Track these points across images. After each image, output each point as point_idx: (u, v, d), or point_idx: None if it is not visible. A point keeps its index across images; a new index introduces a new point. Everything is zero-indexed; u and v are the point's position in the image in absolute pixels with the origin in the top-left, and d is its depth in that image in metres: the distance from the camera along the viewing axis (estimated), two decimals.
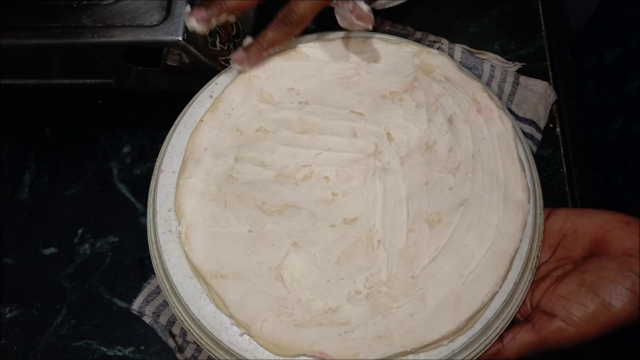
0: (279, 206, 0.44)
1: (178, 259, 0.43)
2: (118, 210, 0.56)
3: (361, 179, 0.45)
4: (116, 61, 0.52)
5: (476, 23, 0.63)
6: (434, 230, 0.43)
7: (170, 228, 0.44)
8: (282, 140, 0.47)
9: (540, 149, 0.56)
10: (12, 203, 0.57)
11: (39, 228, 0.56)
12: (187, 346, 0.50)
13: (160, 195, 0.45)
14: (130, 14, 0.50)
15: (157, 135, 0.59)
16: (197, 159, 0.46)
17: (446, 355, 0.40)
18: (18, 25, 0.50)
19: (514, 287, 0.41)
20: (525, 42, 0.61)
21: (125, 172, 0.58)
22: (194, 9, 0.47)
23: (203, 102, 0.48)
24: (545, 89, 0.58)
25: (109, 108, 0.61)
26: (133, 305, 0.51)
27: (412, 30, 0.60)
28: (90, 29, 0.49)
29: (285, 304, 0.41)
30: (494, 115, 0.46)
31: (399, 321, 0.40)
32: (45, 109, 0.61)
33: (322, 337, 0.39)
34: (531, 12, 0.63)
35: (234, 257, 0.42)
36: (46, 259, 0.55)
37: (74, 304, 0.53)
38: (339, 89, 0.49)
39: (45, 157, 0.59)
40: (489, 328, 0.40)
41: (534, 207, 0.44)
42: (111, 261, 0.54)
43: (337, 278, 0.42)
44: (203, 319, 0.41)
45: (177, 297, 0.42)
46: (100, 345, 0.51)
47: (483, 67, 0.58)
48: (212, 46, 0.51)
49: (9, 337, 0.52)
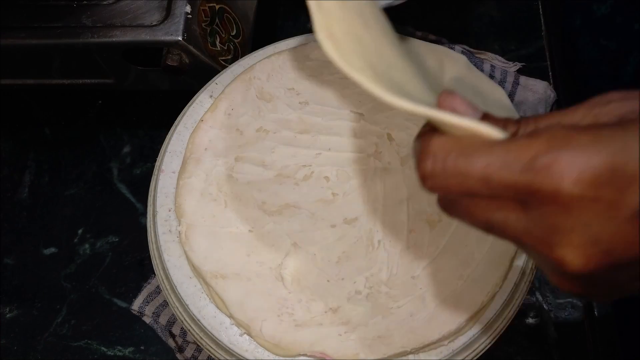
0: (279, 206, 0.44)
1: (178, 259, 0.43)
2: (118, 210, 0.56)
3: (361, 179, 0.45)
4: (116, 61, 0.52)
5: (476, 23, 0.63)
6: (434, 230, 0.43)
7: (170, 228, 0.44)
8: (283, 140, 0.47)
9: None
10: (12, 203, 0.57)
11: (39, 228, 0.56)
12: (187, 346, 0.50)
13: (160, 195, 0.45)
14: (130, 14, 0.50)
15: (157, 135, 0.59)
16: (197, 159, 0.46)
17: (446, 355, 0.40)
18: (18, 25, 0.50)
19: (514, 287, 0.41)
20: (525, 42, 0.61)
21: (125, 172, 0.58)
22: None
23: (203, 102, 0.48)
24: (545, 89, 0.58)
25: (109, 108, 0.61)
26: (133, 305, 0.51)
27: (412, 30, 0.60)
28: (90, 29, 0.49)
29: (286, 304, 0.41)
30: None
31: (399, 321, 0.40)
32: (45, 109, 0.61)
33: (323, 337, 0.39)
34: (531, 12, 0.63)
35: (234, 257, 0.42)
36: (46, 259, 0.55)
37: (74, 304, 0.53)
38: (339, 89, 0.49)
39: (45, 157, 0.59)
40: (489, 328, 0.40)
41: None
42: (111, 261, 0.54)
43: (337, 278, 0.42)
44: (203, 319, 0.41)
45: (177, 297, 0.42)
46: (100, 345, 0.51)
47: (483, 67, 0.58)
48: (212, 46, 0.52)
49: (9, 337, 0.52)
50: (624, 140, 0.21)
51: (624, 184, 0.21)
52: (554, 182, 0.21)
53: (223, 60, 0.53)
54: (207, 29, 0.52)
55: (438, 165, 0.24)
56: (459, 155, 0.24)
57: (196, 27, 0.51)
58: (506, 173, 0.22)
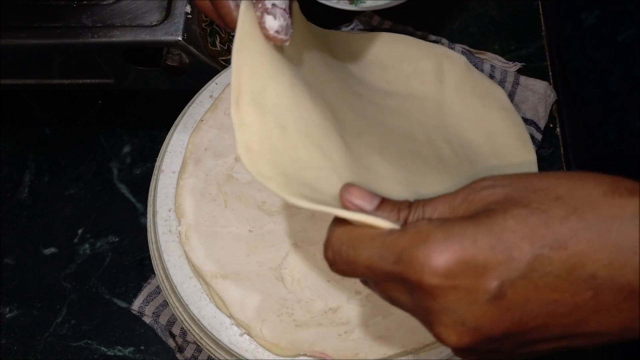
0: (279, 206, 0.44)
1: (178, 259, 0.43)
2: (118, 210, 0.56)
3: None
4: (116, 61, 0.52)
5: (476, 23, 0.63)
6: None
7: (170, 228, 0.44)
8: None
9: (540, 149, 0.56)
10: (12, 203, 0.57)
11: (39, 228, 0.56)
12: (187, 346, 0.50)
13: (160, 195, 0.45)
14: (130, 14, 0.50)
15: (157, 135, 0.59)
16: (197, 159, 0.46)
17: (446, 355, 0.40)
18: (18, 25, 0.50)
19: None
20: (525, 42, 0.61)
21: (125, 172, 0.58)
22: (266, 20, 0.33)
23: (203, 102, 0.48)
24: (545, 89, 0.58)
25: (109, 108, 0.61)
26: (133, 305, 0.51)
27: (412, 30, 0.60)
28: (90, 29, 0.49)
29: (286, 304, 0.41)
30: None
31: (399, 321, 0.40)
32: (45, 109, 0.61)
33: (322, 337, 0.39)
34: (531, 12, 0.63)
35: (234, 257, 0.42)
36: (46, 259, 0.55)
37: (74, 304, 0.53)
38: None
39: (45, 157, 0.59)
40: None
41: None
42: (111, 261, 0.54)
43: (337, 278, 0.42)
44: (203, 319, 0.41)
45: (177, 297, 0.42)
46: (100, 345, 0.51)
47: (483, 67, 0.58)
48: (212, 46, 0.52)
49: (9, 337, 0.52)
50: (475, 235, 0.24)
51: (478, 273, 0.24)
52: (417, 274, 0.25)
53: (223, 60, 0.53)
54: (207, 29, 0.52)
55: (335, 255, 0.28)
56: (348, 247, 0.27)
57: (196, 27, 0.51)
58: (384, 264, 0.26)
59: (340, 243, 0.28)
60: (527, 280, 0.24)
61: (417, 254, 0.25)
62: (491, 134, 0.45)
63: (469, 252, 0.24)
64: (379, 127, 0.40)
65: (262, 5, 0.32)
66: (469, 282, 0.24)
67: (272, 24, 0.32)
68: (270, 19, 0.32)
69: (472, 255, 0.24)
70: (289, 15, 0.33)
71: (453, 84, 0.47)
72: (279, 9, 0.32)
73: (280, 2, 0.33)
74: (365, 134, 0.38)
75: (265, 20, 0.32)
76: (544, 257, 0.24)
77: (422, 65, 0.48)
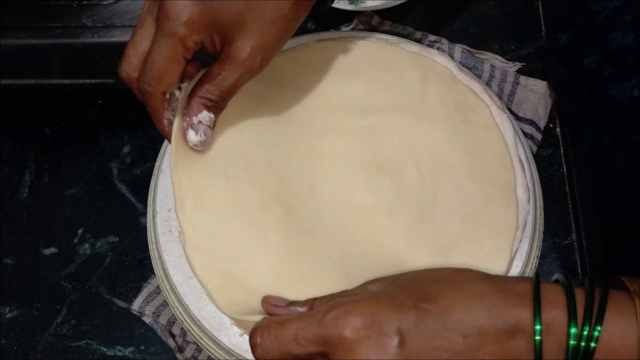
0: None
1: (178, 259, 0.43)
2: (118, 210, 0.56)
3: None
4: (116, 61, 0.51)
5: (476, 23, 0.63)
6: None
7: (170, 228, 0.44)
8: None
9: (540, 149, 0.56)
10: (12, 203, 0.57)
11: (39, 228, 0.56)
12: (187, 346, 0.50)
13: (160, 195, 0.45)
14: (130, 14, 0.50)
15: (157, 135, 0.58)
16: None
17: None
18: (18, 25, 0.50)
19: None
20: (525, 42, 0.62)
21: (125, 172, 0.58)
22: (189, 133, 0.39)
23: None
24: (545, 89, 0.58)
25: (109, 108, 0.61)
26: (133, 305, 0.51)
27: (412, 30, 0.60)
28: (90, 29, 0.49)
29: None
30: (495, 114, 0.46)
31: None
32: (45, 109, 0.61)
33: None
34: (531, 12, 0.63)
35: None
36: (46, 259, 0.55)
37: (74, 304, 0.53)
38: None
39: (45, 157, 0.59)
40: None
41: (534, 207, 0.44)
42: (111, 261, 0.54)
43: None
44: (203, 319, 0.41)
45: (177, 297, 0.42)
46: (100, 345, 0.51)
47: (483, 67, 0.58)
48: None
49: (9, 337, 0.52)
50: (377, 298, 0.33)
51: (382, 328, 0.31)
52: (338, 330, 0.31)
53: None
54: None
55: (264, 332, 0.33)
56: (277, 325, 0.33)
57: None
58: (309, 329, 0.32)
59: (269, 323, 0.33)
60: (419, 330, 0.31)
61: (338, 316, 0.31)
62: (469, 151, 0.45)
63: (375, 308, 0.32)
64: (337, 168, 0.44)
65: (189, 120, 0.38)
66: (376, 333, 0.31)
67: (192, 138, 0.38)
68: (192, 134, 0.38)
69: (378, 309, 0.31)
70: (211, 131, 0.39)
71: (437, 97, 0.47)
72: (203, 125, 0.38)
73: (206, 120, 0.38)
74: (319, 184, 0.43)
75: (187, 133, 0.38)
76: (423, 310, 0.31)
77: (407, 76, 0.48)
